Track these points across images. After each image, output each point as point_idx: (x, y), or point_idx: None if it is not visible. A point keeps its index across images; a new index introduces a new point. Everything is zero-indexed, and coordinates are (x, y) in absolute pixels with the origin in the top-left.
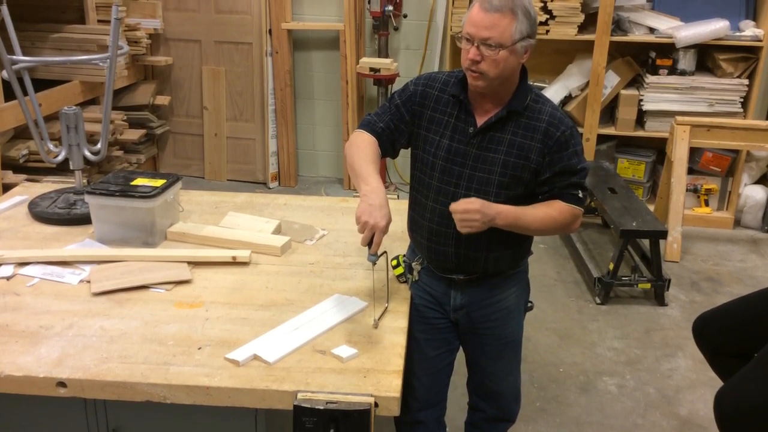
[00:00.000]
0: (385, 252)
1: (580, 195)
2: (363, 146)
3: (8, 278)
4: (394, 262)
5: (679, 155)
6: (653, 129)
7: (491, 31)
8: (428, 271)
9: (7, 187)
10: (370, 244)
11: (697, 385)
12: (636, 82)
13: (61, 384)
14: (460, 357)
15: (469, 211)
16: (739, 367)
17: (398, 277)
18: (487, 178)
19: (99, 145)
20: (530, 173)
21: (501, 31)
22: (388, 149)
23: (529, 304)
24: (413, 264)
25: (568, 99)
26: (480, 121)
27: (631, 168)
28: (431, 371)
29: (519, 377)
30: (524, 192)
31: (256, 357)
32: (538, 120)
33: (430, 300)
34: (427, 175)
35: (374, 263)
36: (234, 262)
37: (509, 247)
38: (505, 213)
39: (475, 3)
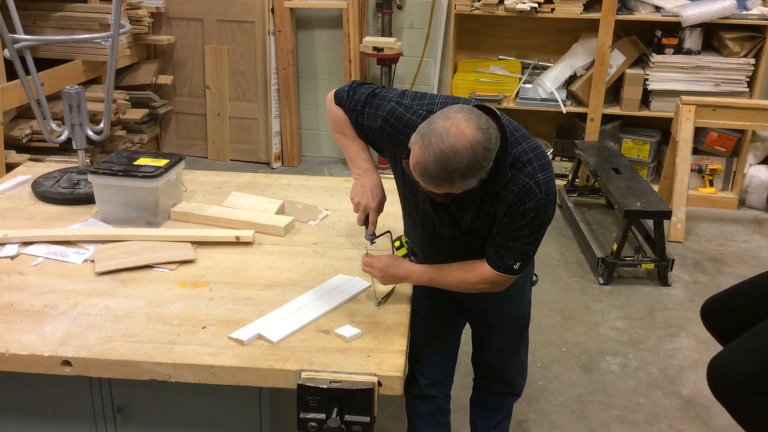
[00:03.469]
0: (389, 232)
1: (516, 266)
2: (344, 125)
3: (12, 258)
4: (397, 243)
5: (684, 135)
6: (658, 109)
7: (435, 189)
8: None
9: (10, 167)
10: (367, 223)
11: (700, 364)
12: (641, 62)
13: (66, 363)
14: (465, 334)
15: (372, 267)
16: None
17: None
18: (462, 226)
19: (101, 125)
20: None
21: (444, 193)
22: None
23: (534, 278)
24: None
25: (573, 78)
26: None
27: (635, 148)
28: (438, 348)
29: (526, 352)
30: None
31: (260, 336)
32: (508, 190)
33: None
34: (413, 213)
35: (372, 242)
36: (237, 242)
37: None
38: (418, 275)
39: (414, 153)
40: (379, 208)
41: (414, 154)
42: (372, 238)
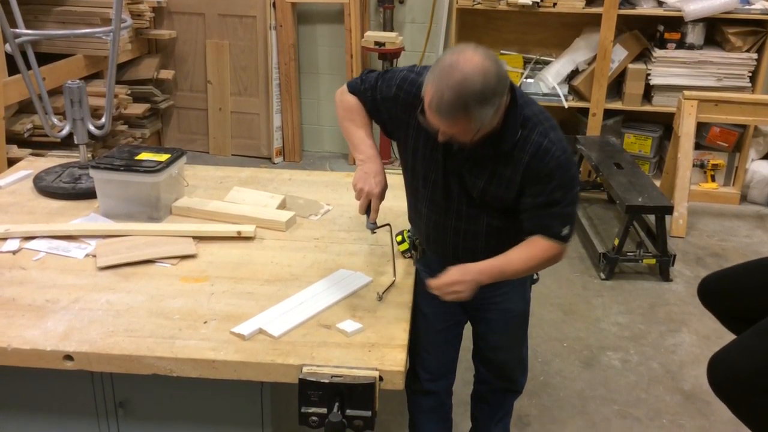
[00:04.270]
0: (389, 224)
1: (564, 232)
2: (354, 112)
3: (14, 252)
4: (399, 238)
5: (686, 130)
6: (660, 104)
7: (451, 129)
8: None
9: (11, 162)
10: (369, 212)
11: (701, 360)
12: (644, 57)
13: (68, 357)
14: (467, 330)
15: (452, 284)
16: (747, 327)
17: (403, 252)
18: (476, 198)
19: (103, 120)
20: (510, 202)
21: (461, 129)
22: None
23: (535, 276)
24: (417, 241)
25: (575, 73)
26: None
27: (637, 143)
28: (439, 344)
29: (526, 349)
30: (511, 214)
31: (261, 331)
32: (523, 151)
33: (433, 275)
34: (421, 186)
35: (373, 231)
36: (239, 237)
37: (508, 245)
38: (488, 270)
39: (427, 91)
40: (381, 196)
41: (428, 92)
42: (374, 227)
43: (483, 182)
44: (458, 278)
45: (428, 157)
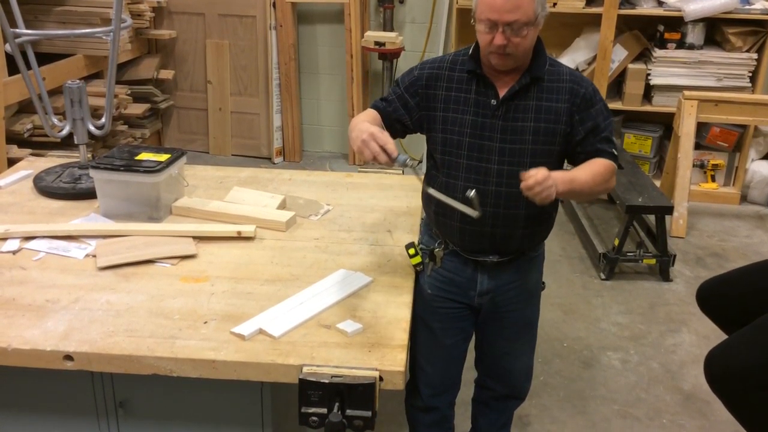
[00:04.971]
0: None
1: (615, 152)
2: (364, 117)
3: (14, 252)
4: (411, 251)
5: (686, 130)
6: (660, 104)
7: (515, 13)
8: (454, 256)
9: (11, 162)
10: (393, 158)
11: (701, 360)
12: (644, 56)
13: (68, 357)
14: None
15: (545, 180)
16: None
17: (415, 266)
18: (520, 149)
19: (103, 120)
20: (561, 137)
21: (525, 11)
22: (398, 131)
23: (542, 284)
24: (435, 250)
25: None
26: (501, 91)
27: (637, 143)
28: (447, 359)
29: (532, 357)
30: (557, 159)
31: (261, 331)
32: (560, 81)
33: (449, 290)
34: (454, 155)
35: (406, 164)
36: (239, 237)
37: (541, 223)
38: (561, 177)
39: None
40: (382, 131)
41: None
42: (405, 159)
43: (531, 122)
44: (546, 176)
45: (459, 122)
